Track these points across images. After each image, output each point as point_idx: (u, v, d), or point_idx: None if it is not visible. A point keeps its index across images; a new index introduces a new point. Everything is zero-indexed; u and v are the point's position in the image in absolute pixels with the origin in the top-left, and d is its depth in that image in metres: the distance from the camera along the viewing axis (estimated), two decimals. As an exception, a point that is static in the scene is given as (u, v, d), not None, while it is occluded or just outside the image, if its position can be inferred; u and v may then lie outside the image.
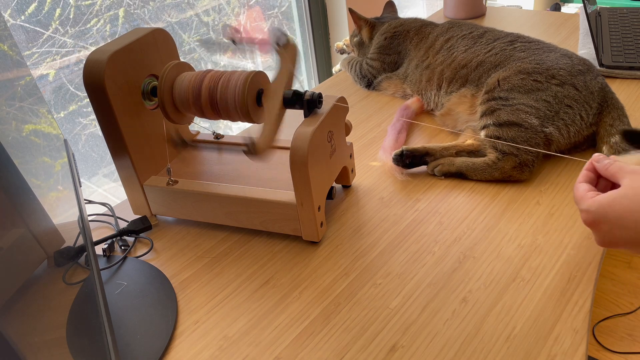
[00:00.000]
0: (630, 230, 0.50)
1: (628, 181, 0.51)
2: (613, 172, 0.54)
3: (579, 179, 0.57)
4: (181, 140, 0.77)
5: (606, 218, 0.52)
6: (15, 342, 0.31)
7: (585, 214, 0.54)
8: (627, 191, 0.51)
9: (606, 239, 0.54)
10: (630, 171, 0.52)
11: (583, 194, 0.55)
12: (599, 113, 0.80)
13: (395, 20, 1.11)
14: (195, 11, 1.27)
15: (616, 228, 0.51)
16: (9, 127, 0.52)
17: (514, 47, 0.88)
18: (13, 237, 0.40)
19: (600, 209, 0.52)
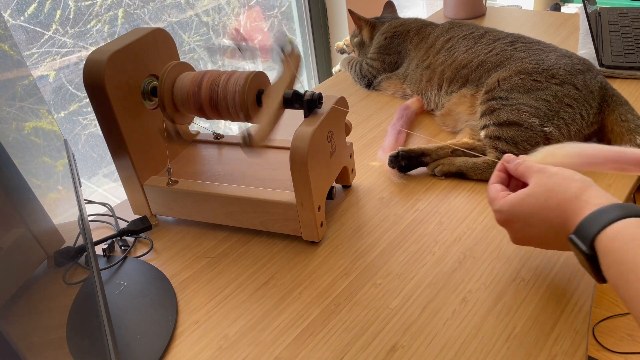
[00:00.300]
0: (539, 228, 0.52)
1: (535, 180, 0.53)
2: (522, 172, 0.55)
3: (491, 180, 0.59)
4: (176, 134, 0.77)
5: (517, 217, 0.53)
6: (15, 342, 0.31)
7: (497, 214, 0.56)
8: (534, 190, 0.52)
9: (519, 236, 0.55)
10: (536, 170, 0.54)
11: (495, 194, 0.56)
12: (600, 112, 0.80)
13: (395, 20, 1.11)
14: (195, 11, 1.28)
15: (526, 226, 0.53)
16: (9, 127, 0.52)
17: (514, 47, 0.88)
18: (13, 237, 0.40)
19: (510, 208, 0.53)
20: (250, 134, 0.60)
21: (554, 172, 0.52)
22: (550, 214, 0.50)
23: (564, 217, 0.49)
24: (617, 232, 0.43)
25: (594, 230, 0.44)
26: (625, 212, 0.44)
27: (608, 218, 0.44)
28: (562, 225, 0.49)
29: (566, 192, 0.49)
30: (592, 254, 0.45)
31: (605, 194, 0.48)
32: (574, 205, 0.48)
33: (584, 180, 0.50)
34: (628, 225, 0.43)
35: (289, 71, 0.63)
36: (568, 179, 0.51)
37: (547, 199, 0.50)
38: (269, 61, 0.63)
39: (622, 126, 0.78)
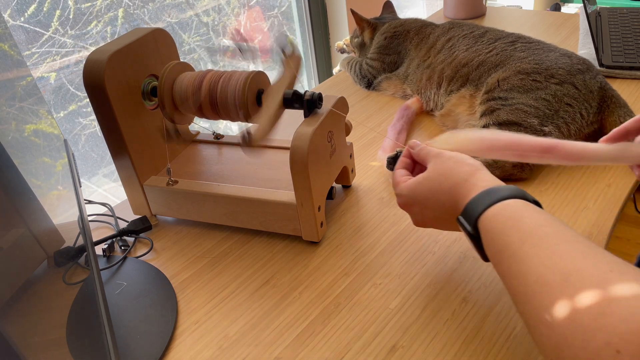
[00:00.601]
0: (434, 211, 0.54)
1: (432, 165, 0.55)
2: (422, 156, 0.58)
3: (397, 166, 0.61)
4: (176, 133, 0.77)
5: (415, 200, 0.56)
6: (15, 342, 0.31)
7: (398, 198, 0.58)
8: (430, 174, 0.54)
9: (418, 219, 0.58)
10: (434, 155, 0.56)
11: (398, 179, 0.58)
12: (600, 112, 0.80)
13: (395, 20, 1.11)
14: (195, 11, 1.28)
15: (423, 209, 0.55)
16: (9, 127, 0.52)
17: (514, 47, 0.88)
18: (13, 237, 0.40)
19: (410, 192, 0.56)
20: (249, 132, 0.60)
21: (448, 156, 0.54)
22: (443, 197, 0.52)
23: (455, 199, 0.51)
24: (496, 214, 0.45)
25: (477, 211, 0.47)
26: (505, 194, 0.46)
27: (490, 199, 0.46)
28: (454, 208, 0.51)
29: (457, 176, 0.52)
30: (476, 234, 0.47)
31: (492, 177, 0.50)
32: (463, 189, 0.50)
33: (473, 164, 0.52)
34: (507, 206, 0.45)
35: (289, 72, 0.63)
36: (459, 162, 0.53)
37: (441, 183, 0.53)
38: (269, 61, 0.63)
39: None
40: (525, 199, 0.46)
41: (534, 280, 0.38)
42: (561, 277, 0.37)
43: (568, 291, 0.35)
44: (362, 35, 1.15)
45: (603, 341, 0.32)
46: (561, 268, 0.37)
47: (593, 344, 0.32)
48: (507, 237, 0.43)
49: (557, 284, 0.36)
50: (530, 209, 0.44)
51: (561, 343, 0.35)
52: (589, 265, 0.36)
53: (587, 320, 0.33)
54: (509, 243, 0.42)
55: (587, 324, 0.33)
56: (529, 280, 0.39)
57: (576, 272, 0.36)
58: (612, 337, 0.32)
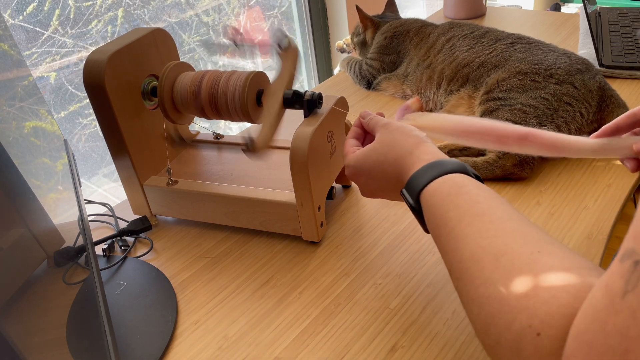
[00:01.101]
0: (380, 182, 0.54)
1: (379, 135, 0.55)
2: (371, 126, 0.58)
3: (348, 135, 0.61)
4: (180, 139, 0.77)
5: (361, 171, 0.56)
6: (15, 342, 0.31)
7: (346, 169, 0.58)
8: (376, 145, 0.54)
9: (366, 189, 0.58)
10: (382, 125, 0.56)
11: (347, 149, 0.59)
12: (600, 111, 0.80)
13: (396, 20, 1.11)
14: (195, 11, 1.28)
15: (370, 179, 0.56)
16: (9, 128, 0.52)
17: (514, 48, 0.88)
18: (13, 237, 0.40)
19: (357, 163, 0.56)
20: (252, 139, 0.60)
21: (395, 127, 0.54)
22: (388, 168, 0.53)
23: (399, 171, 0.51)
24: (437, 189, 0.46)
25: (419, 185, 0.47)
26: (446, 169, 0.47)
27: (431, 174, 0.47)
28: (398, 180, 0.51)
29: (402, 148, 0.52)
30: (418, 208, 0.48)
31: (436, 150, 0.50)
32: (407, 161, 0.50)
33: (419, 136, 0.52)
34: (446, 181, 0.46)
35: (287, 67, 0.63)
36: (405, 134, 0.53)
37: (386, 154, 0.53)
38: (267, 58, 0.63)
39: None
40: (467, 174, 0.46)
41: (467, 259, 0.39)
42: (493, 257, 0.37)
43: (498, 272, 0.36)
44: (364, 34, 1.14)
45: (525, 323, 0.32)
46: (493, 248, 0.38)
47: (516, 325, 0.33)
48: (446, 213, 0.43)
49: (489, 264, 0.37)
50: (469, 184, 0.45)
51: (489, 322, 0.35)
52: (518, 245, 0.37)
53: (512, 301, 0.34)
54: (447, 220, 0.43)
55: (512, 304, 0.34)
56: (464, 257, 0.39)
57: (507, 252, 0.37)
58: (533, 320, 0.32)
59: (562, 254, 0.35)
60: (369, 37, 1.13)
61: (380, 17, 1.14)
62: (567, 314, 0.31)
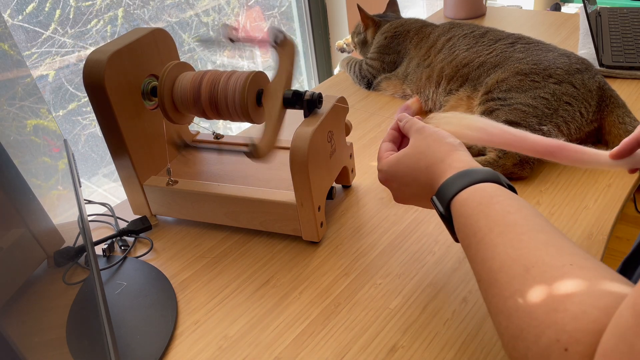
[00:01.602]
0: (412, 188, 0.54)
1: (412, 140, 0.55)
2: (406, 130, 0.57)
3: (384, 138, 0.60)
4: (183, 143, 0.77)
5: (394, 177, 0.55)
6: (15, 342, 0.31)
7: (379, 174, 0.58)
8: (409, 150, 0.54)
9: (398, 195, 0.57)
10: (416, 129, 0.55)
11: (381, 153, 0.58)
12: (599, 111, 0.80)
13: (397, 20, 1.11)
14: (195, 11, 1.28)
15: (402, 185, 0.55)
16: (9, 127, 0.52)
17: (514, 48, 0.88)
18: (13, 237, 0.39)
19: (389, 168, 0.55)
20: (255, 144, 0.60)
21: (429, 133, 0.53)
22: (420, 175, 0.52)
23: (431, 179, 0.51)
24: (468, 197, 0.45)
25: (450, 193, 0.46)
26: (479, 178, 0.46)
27: (463, 182, 0.46)
28: (430, 187, 0.51)
29: (434, 155, 0.51)
30: (448, 216, 0.47)
31: (469, 158, 0.50)
32: (439, 169, 0.50)
33: (452, 143, 0.52)
34: (478, 190, 0.45)
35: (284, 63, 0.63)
36: (438, 141, 0.52)
37: (419, 161, 0.52)
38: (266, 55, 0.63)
39: (620, 128, 0.78)
40: (500, 183, 0.46)
41: (497, 269, 0.38)
42: (523, 268, 0.37)
43: (528, 283, 0.35)
44: (365, 33, 1.14)
45: (553, 337, 0.32)
46: (524, 259, 0.37)
47: (544, 340, 0.32)
48: (476, 223, 0.43)
49: (518, 275, 0.36)
50: (501, 194, 0.44)
51: (517, 335, 0.35)
52: (550, 258, 0.36)
53: (540, 314, 0.33)
54: (478, 229, 0.42)
55: (540, 318, 0.33)
56: (493, 268, 0.39)
57: (537, 264, 0.36)
58: (561, 335, 0.31)
59: (595, 268, 0.35)
60: (370, 36, 1.13)
61: (382, 17, 1.14)
62: (596, 330, 0.30)
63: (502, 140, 0.56)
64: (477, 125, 0.57)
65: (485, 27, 0.97)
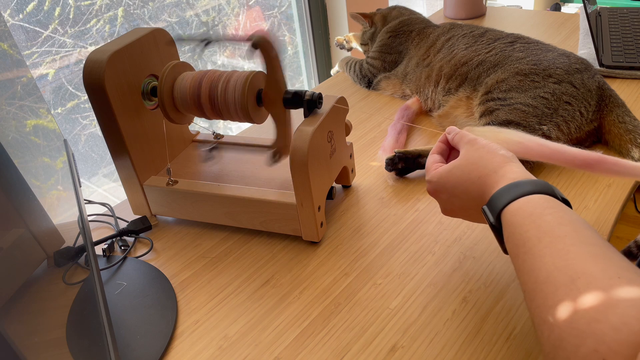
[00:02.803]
0: (462, 199, 0.53)
1: (464, 151, 0.54)
2: (456, 142, 0.57)
3: (432, 150, 0.60)
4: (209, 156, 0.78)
5: (444, 188, 0.55)
6: (15, 342, 0.31)
7: (428, 185, 0.57)
8: (461, 162, 0.53)
9: (447, 207, 0.57)
10: (467, 141, 0.55)
11: (430, 165, 0.58)
12: (599, 110, 0.80)
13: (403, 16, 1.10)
14: (195, 11, 1.28)
15: (451, 197, 0.55)
16: (9, 127, 0.52)
17: (513, 47, 0.88)
18: (13, 237, 0.39)
19: (439, 179, 0.55)
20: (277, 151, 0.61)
21: (481, 144, 0.53)
22: (471, 186, 0.52)
23: (482, 190, 0.50)
24: (519, 208, 0.45)
25: (502, 203, 0.46)
26: (532, 189, 0.45)
27: (516, 192, 0.46)
28: (481, 198, 0.51)
29: (487, 166, 0.51)
30: (498, 226, 0.47)
31: (522, 170, 0.49)
32: (491, 179, 0.49)
33: (505, 155, 0.51)
34: (530, 201, 0.44)
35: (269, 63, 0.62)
36: (491, 152, 0.52)
37: (470, 172, 0.52)
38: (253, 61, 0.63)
39: (619, 127, 0.78)
40: (554, 196, 0.45)
41: (543, 280, 0.38)
42: (569, 278, 0.36)
43: (572, 294, 0.35)
44: (374, 25, 1.13)
45: (592, 347, 0.32)
46: (570, 270, 0.37)
47: (583, 349, 0.32)
48: (526, 233, 0.42)
49: (563, 286, 0.36)
50: (554, 206, 0.44)
51: (557, 345, 0.34)
52: (597, 269, 0.36)
53: (582, 324, 0.33)
54: (527, 239, 0.42)
55: (581, 328, 0.33)
56: (539, 278, 0.39)
57: (584, 275, 0.36)
58: (600, 345, 0.31)
59: None
60: (379, 24, 1.12)
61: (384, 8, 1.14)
62: (636, 342, 0.30)
63: (539, 153, 0.56)
64: (513, 139, 0.57)
65: (485, 27, 0.97)
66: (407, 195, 0.77)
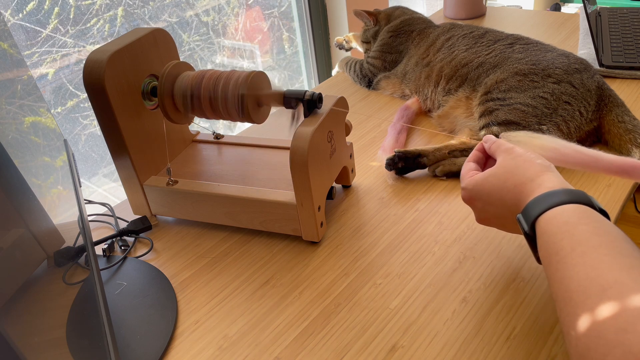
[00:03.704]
0: (497, 208, 0.53)
1: (500, 160, 0.54)
2: (493, 151, 0.57)
3: (468, 158, 0.60)
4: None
5: (479, 195, 0.54)
6: (15, 342, 0.31)
7: (463, 192, 0.57)
8: (497, 170, 0.53)
9: (481, 215, 0.57)
10: (504, 150, 0.54)
11: (465, 172, 0.57)
12: (598, 110, 0.80)
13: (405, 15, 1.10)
14: (195, 11, 1.28)
15: (487, 205, 0.54)
16: (9, 127, 0.52)
17: (513, 48, 0.88)
18: (13, 237, 0.40)
19: (475, 187, 0.55)
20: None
21: (518, 153, 0.53)
22: (507, 195, 0.51)
23: (518, 198, 0.50)
24: (554, 216, 0.44)
25: (537, 211, 0.46)
26: (568, 198, 0.45)
27: (551, 201, 0.45)
28: (516, 206, 0.50)
29: (524, 174, 0.50)
30: (532, 235, 0.46)
31: (560, 179, 0.49)
32: (527, 188, 0.49)
33: (543, 164, 0.51)
34: (566, 210, 0.44)
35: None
36: (528, 161, 0.51)
37: (506, 180, 0.51)
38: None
39: (619, 127, 0.78)
40: (591, 206, 0.45)
41: (573, 289, 0.38)
42: (600, 288, 0.36)
43: (602, 303, 0.35)
44: (377, 24, 1.13)
45: (618, 357, 0.31)
46: (602, 280, 0.37)
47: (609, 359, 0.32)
48: (560, 242, 0.42)
49: (594, 295, 0.36)
50: (590, 216, 0.43)
51: (584, 354, 0.34)
52: (630, 280, 0.36)
53: (609, 334, 0.33)
54: (560, 248, 0.41)
55: (609, 338, 0.33)
56: (570, 287, 0.38)
57: (615, 285, 0.36)
58: (628, 356, 0.31)
59: None
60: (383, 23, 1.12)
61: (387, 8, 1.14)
62: None
63: (575, 160, 0.55)
64: (549, 145, 0.56)
65: (485, 28, 0.97)
66: (407, 195, 0.77)
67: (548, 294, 0.58)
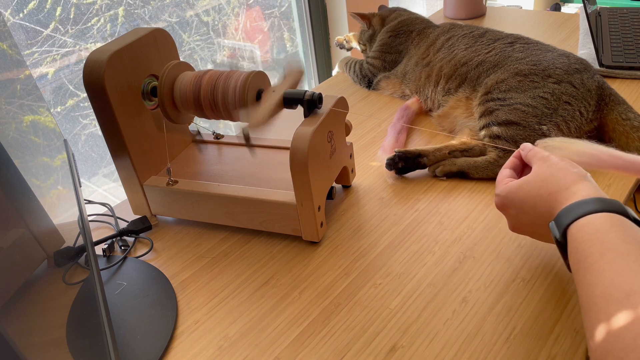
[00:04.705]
0: (530, 216, 0.53)
1: (536, 168, 0.54)
2: (529, 158, 0.56)
3: (505, 165, 0.60)
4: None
5: (512, 202, 0.54)
6: (15, 342, 0.31)
7: (497, 198, 0.57)
8: (532, 177, 0.53)
9: (514, 223, 0.57)
10: (540, 158, 0.54)
11: (501, 179, 0.57)
12: (599, 110, 0.80)
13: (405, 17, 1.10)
14: (195, 11, 1.28)
15: (520, 213, 0.54)
16: (8, 127, 0.52)
17: (513, 48, 0.88)
18: (13, 237, 0.39)
19: (509, 194, 0.55)
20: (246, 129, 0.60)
21: (554, 162, 0.53)
22: (540, 202, 0.51)
23: (552, 206, 0.50)
24: (586, 224, 0.44)
25: (569, 219, 0.46)
26: (601, 207, 0.45)
27: (584, 209, 0.45)
28: (549, 214, 0.50)
29: (559, 183, 0.50)
30: (563, 243, 0.46)
31: (595, 188, 0.49)
32: (562, 196, 0.49)
33: (579, 173, 0.51)
34: (598, 218, 0.44)
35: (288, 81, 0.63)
36: (564, 170, 0.51)
37: (540, 188, 0.51)
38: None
39: (624, 125, 0.78)
40: (625, 215, 0.44)
41: (599, 294, 0.38)
42: (624, 294, 0.36)
43: (624, 309, 0.35)
44: (372, 27, 1.13)
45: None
46: (627, 286, 0.37)
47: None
48: (590, 248, 0.42)
49: (617, 301, 0.36)
50: (622, 224, 0.43)
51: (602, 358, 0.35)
52: None
53: (628, 338, 0.33)
54: (589, 254, 0.41)
55: (626, 342, 0.33)
56: (595, 293, 0.39)
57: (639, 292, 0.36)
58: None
59: None
60: (377, 27, 1.12)
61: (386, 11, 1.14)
62: None
63: (613, 165, 0.55)
64: (586, 151, 0.56)
65: (485, 28, 0.97)
66: (407, 195, 0.77)
67: (548, 294, 0.58)
